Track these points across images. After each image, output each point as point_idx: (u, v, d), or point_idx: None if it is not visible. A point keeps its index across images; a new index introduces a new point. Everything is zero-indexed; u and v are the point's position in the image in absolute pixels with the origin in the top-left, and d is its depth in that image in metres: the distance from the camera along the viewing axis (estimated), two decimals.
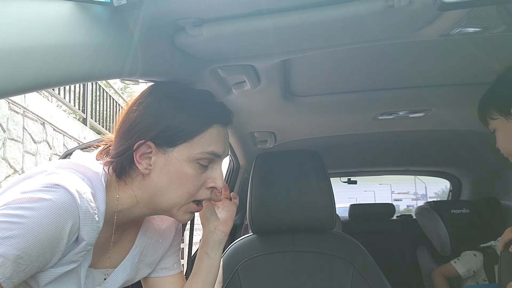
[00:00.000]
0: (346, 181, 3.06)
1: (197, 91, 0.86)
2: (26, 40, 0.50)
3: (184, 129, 0.74)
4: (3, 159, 3.48)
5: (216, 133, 0.78)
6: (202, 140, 0.75)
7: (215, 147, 0.77)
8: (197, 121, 0.76)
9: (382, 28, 0.83)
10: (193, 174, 0.75)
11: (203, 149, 0.75)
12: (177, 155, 0.74)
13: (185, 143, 0.74)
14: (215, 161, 0.79)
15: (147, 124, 0.74)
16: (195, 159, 0.75)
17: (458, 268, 1.96)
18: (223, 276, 1.14)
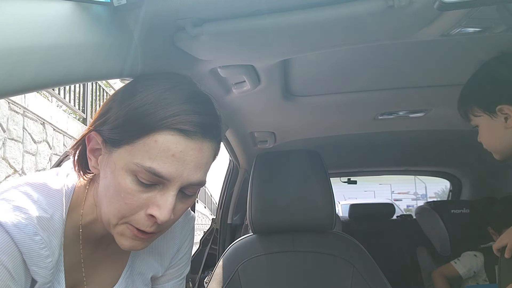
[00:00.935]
0: (346, 181, 3.06)
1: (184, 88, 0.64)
2: (26, 40, 0.50)
3: (126, 125, 0.59)
4: (3, 159, 3.47)
5: (167, 144, 0.57)
6: (144, 148, 0.57)
7: (158, 165, 0.57)
8: (143, 118, 0.58)
9: (382, 28, 0.83)
10: (127, 188, 0.59)
11: (139, 161, 0.57)
12: (117, 158, 0.60)
13: (127, 146, 0.59)
14: (167, 185, 0.59)
15: (101, 112, 0.64)
16: (131, 170, 0.58)
17: (459, 268, 1.96)
18: (223, 276, 1.14)
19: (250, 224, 1.21)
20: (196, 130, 0.59)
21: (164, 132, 0.57)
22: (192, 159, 0.59)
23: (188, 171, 0.59)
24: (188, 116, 0.58)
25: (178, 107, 0.58)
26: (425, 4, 0.71)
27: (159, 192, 0.60)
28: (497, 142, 1.11)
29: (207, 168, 0.64)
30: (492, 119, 1.07)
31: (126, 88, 0.65)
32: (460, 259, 1.99)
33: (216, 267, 1.19)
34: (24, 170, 3.79)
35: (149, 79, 0.64)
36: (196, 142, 0.59)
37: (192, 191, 0.64)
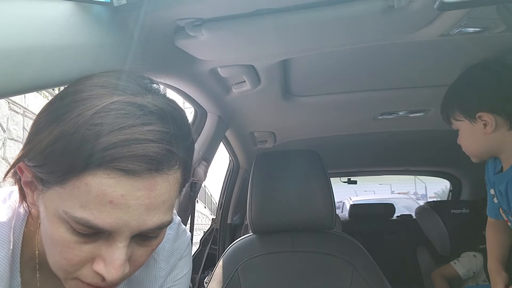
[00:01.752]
0: (346, 181, 3.06)
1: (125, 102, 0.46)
2: (26, 40, 0.50)
3: (50, 162, 0.44)
4: (3, 159, 3.47)
5: (101, 188, 0.43)
6: (73, 192, 0.43)
7: (92, 215, 0.43)
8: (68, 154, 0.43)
9: (382, 28, 0.83)
10: (63, 240, 0.46)
11: (69, 209, 0.44)
12: (48, 201, 0.46)
13: (57, 187, 0.45)
14: (112, 235, 0.46)
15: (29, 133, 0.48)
16: (63, 219, 0.45)
17: (458, 269, 1.96)
18: (223, 276, 1.14)
19: (250, 224, 1.21)
20: (141, 167, 0.43)
21: (96, 172, 0.42)
22: (140, 203, 0.45)
23: (136, 217, 0.45)
24: (129, 148, 0.43)
25: (113, 136, 0.42)
26: (425, 4, 0.71)
27: (105, 243, 0.46)
28: (475, 147, 1.15)
29: (170, 205, 0.49)
30: (472, 124, 1.11)
31: (52, 104, 0.48)
32: (460, 260, 1.99)
33: (216, 267, 1.19)
34: None
35: (80, 90, 0.47)
36: (145, 180, 0.44)
37: (154, 233, 0.50)
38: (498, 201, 1.17)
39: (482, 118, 1.07)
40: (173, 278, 0.70)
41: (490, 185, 1.20)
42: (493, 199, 1.19)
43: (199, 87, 1.10)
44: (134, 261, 0.50)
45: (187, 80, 1.04)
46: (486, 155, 1.15)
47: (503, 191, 1.11)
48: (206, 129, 1.30)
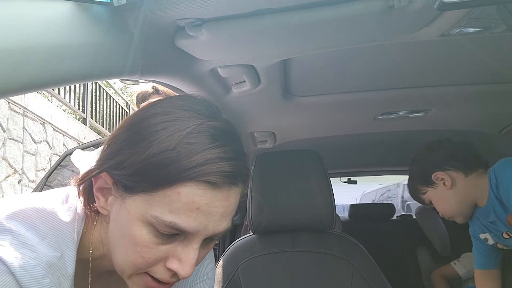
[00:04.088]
0: (346, 181, 3.06)
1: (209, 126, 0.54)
2: (26, 40, 0.50)
3: (143, 174, 0.51)
4: (3, 159, 3.48)
5: (191, 197, 0.50)
6: (164, 199, 0.51)
7: (181, 219, 0.51)
8: (163, 168, 0.50)
9: (382, 28, 0.83)
10: (144, 241, 0.52)
11: (159, 214, 0.51)
12: (131, 207, 0.53)
13: (144, 194, 0.51)
14: (189, 237, 0.53)
15: (112, 150, 0.55)
16: (149, 222, 0.52)
17: (458, 269, 1.96)
18: (223, 276, 1.14)
19: (250, 224, 1.21)
20: (224, 180, 0.52)
21: (188, 183, 0.50)
22: (218, 210, 0.53)
23: (213, 223, 0.53)
24: (216, 165, 0.51)
25: (204, 154, 0.50)
26: (425, 4, 0.71)
27: (181, 244, 0.53)
28: (450, 205, 1.26)
29: (234, 213, 0.58)
30: (435, 189, 1.25)
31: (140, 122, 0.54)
32: (460, 260, 1.99)
33: (216, 267, 1.19)
34: (24, 170, 3.79)
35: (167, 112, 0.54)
36: (223, 191, 0.52)
37: (217, 236, 0.58)
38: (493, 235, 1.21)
39: (438, 179, 1.23)
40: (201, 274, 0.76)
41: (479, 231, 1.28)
42: (487, 242, 1.27)
43: (199, 87, 1.10)
44: (197, 260, 0.56)
45: (187, 80, 1.04)
46: (465, 209, 1.25)
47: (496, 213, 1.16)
48: None
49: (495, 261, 1.30)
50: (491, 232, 1.25)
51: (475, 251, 1.35)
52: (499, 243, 1.24)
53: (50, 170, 1.70)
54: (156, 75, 0.90)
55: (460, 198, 1.23)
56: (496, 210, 1.17)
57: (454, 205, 1.24)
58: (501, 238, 1.22)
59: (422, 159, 1.29)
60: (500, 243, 1.24)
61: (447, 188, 1.22)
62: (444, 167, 1.23)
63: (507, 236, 1.20)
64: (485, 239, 1.28)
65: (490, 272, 1.31)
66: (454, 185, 1.22)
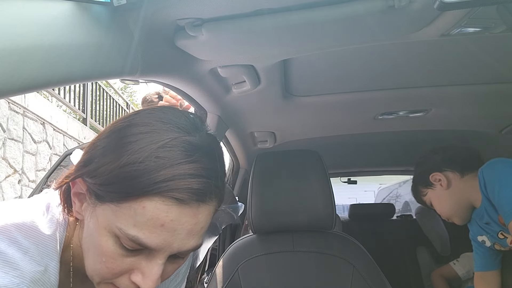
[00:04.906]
0: (346, 181, 3.05)
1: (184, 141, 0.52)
2: (26, 40, 0.50)
3: (111, 184, 0.50)
4: (3, 159, 3.48)
5: (156, 212, 0.49)
6: (129, 212, 0.50)
7: (144, 235, 0.50)
8: (130, 180, 0.49)
9: (382, 28, 0.83)
10: (109, 251, 0.52)
11: (123, 226, 0.50)
12: (100, 215, 0.52)
13: (112, 204, 0.51)
14: (153, 253, 0.52)
15: (88, 157, 0.55)
16: (114, 233, 0.51)
17: (458, 269, 1.96)
18: (223, 276, 1.14)
19: (250, 224, 1.20)
20: (191, 197, 0.50)
21: (154, 198, 0.49)
22: (185, 227, 0.51)
23: (179, 240, 0.52)
24: (184, 181, 0.50)
25: (173, 169, 0.49)
26: (425, 4, 0.71)
27: (145, 258, 0.53)
28: (447, 206, 1.30)
29: (204, 231, 0.56)
30: (433, 190, 1.30)
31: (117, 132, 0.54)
32: (459, 260, 1.99)
33: (216, 267, 1.19)
34: (24, 170, 3.79)
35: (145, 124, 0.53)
36: (191, 209, 0.51)
37: (185, 254, 0.57)
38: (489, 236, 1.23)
39: (435, 179, 1.28)
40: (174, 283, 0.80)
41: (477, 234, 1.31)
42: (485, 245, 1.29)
43: (199, 87, 1.10)
44: (163, 276, 0.56)
45: (187, 80, 1.04)
46: (462, 210, 1.28)
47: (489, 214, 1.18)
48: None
49: (493, 263, 1.31)
50: (487, 233, 1.26)
51: (474, 254, 1.36)
52: (496, 244, 1.25)
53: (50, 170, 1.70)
54: (156, 75, 0.90)
55: (456, 199, 1.26)
56: (488, 210, 1.18)
57: (451, 205, 1.28)
58: (497, 238, 1.23)
59: (422, 162, 1.35)
60: (497, 243, 1.24)
61: (444, 188, 1.26)
62: (441, 168, 1.27)
63: (502, 236, 1.21)
64: (483, 241, 1.29)
65: (489, 274, 1.32)
66: (450, 185, 1.26)
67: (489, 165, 1.17)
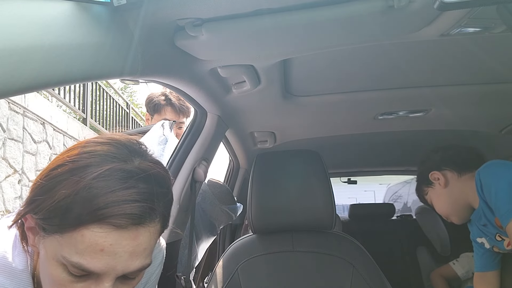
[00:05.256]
0: (346, 181, 3.05)
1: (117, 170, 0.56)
2: (26, 40, 0.50)
3: (52, 217, 0.54)
4: (3, 159, 3.47)
5: (94, 239, 0.53)
6: (71, 241, 0.53)
7: (86, 261, 0.53)
8: (68, 212, 0.53)
9: (382, 28, 0.83)
10: (59, 279, 0.55)
11: (67, 255, 0.54)
12: (48, 246, 0.56)
13: (57, 235, 0.54)
14: (101, 277, 0.56)
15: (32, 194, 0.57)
16: (61, 262, 0.55)
17: (457, 269, 1.96)
18: (223, 276, 1.14)
19: (250, 224, 1.20)
20: (128, 222, 0.54)
21: (91, 226, 0.53)
22: (126, 250, 0.55)
23: (122, 263, 0.55)
24: (119, 207, 0.53)
25: (107, 197, 0.53)
26: (425, 4, 0.71)
27: (94, 283, 0.56)
28: (445, 204, 1.32)
29: (150, 251, 0.60)
30: (433, 188, 1.33)
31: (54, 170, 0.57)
32: (459, 260, 1.99)
33: (216, 267, 1.19)
34: (24, 170, 3.79)
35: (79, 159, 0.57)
36: (130, 232, 0.55)
37: (135, 274, 0.60)
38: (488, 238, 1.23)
39: (434, 178, 1.31)
40: None
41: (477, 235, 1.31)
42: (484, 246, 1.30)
43: (199, 87, 1.10)
44: None
45: (187, 80, 1.04)
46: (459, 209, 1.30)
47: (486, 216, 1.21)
48: (206, 129, 1.30)
49: (493, 263, 1.31)
50: (486, 235, 1.26)
51: (474, 255, 1.37)
52: (495, 247, 1.25)
53: None
54: (156, 75, 0.90)
55: (454, 198, 1.28)
56: (485, 212, 1.19)
57: (449, 204, 1.30)
58: (495, 241, 1.23)
59: (424, 161, 1.38)
60: (496, 246, 1.25)
61: (442, 187, 1.29)
62: (440, 167, 1.30)
63: (500, 238, 1.21)
64: (482, 243, 1.29)
65: (488, 274, 1.32)
66: (448, 184, 1.28)
67: (486, 167, 1.18)
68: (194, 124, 1.30)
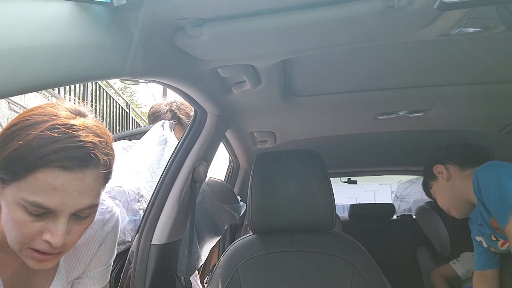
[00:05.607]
0: (346, 181, 3.06)
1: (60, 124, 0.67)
2: (26, 40, 0.50)
3: (8, 167, 0.64)
4: None
5: (47, 180, 0.64)
6: (27, 184, 0.64)
7: (41, 198, 0.64)
8: (22, 160, 0.64)
9: (382, 28, 0.83)
10: (21, 220, 0.65)
11: (25, 196, 0.64)
12: (8, 194, 0.66)
13: (15, 183, 0.65)
14: (57, 214, 0.66)
15: None
16: (20, 204, 0.65)
17: (457, 269, 1.96)
18: (223, 276, 1.14)
19: (250, 224, 1.21)
20: (74, 164, 0.65)
21: (43, 169, 0.63)
22: (75, 189, 0.66)
23: (73, 200, 0.66)
24: (64, 153, 0.64)
25: (55, 145, 0.63)
26: (425, 4, 0.71)
27: (51, 220, 0.67)
28: (447, 198, 1.35)
29: (97, 192, 0.71)
30: (436, 182, 1.37)
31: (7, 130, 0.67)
32: (459, 260, 1.99)
33: (216, 267, 1.19)
34: None
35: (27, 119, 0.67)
36: (77, 173, 0.66)
37: (85, 213, 0.70)
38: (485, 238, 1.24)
39: (438, 172, 1.35)
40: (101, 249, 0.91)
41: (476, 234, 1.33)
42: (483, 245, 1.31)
43: (199, 87, 1.10)
44: (73, 235, 0.71)
45: (187, 80, 1.04)
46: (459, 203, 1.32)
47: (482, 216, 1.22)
48: (206, 129, 1.30)
49: (491, 262, 1.32)
50: (483, 235, 1.26)
51: (474, 253, 1.38)
52: (491, 246, 1.26)
53: None
54: (156, 75, 0.90)
55: (455, 192, 1.31)
56: (482, 212, 1.20)
57: (449, 197, 1.33)
58: (491, 241, 1.23)
59: (430, 156, 1.43)
60: (492, 246, 1.25)
61: (444, 181, 1.33)
62: (444, 161, 1.35)
63: (494, 238, 1.21)
64: (481, 242, 1.30)
65: (487, 273, 1.32)
66: (450, 178, 1.32)
67: (483, 168, 1.19)
68: (194, 124, 1.30)
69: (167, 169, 1.27)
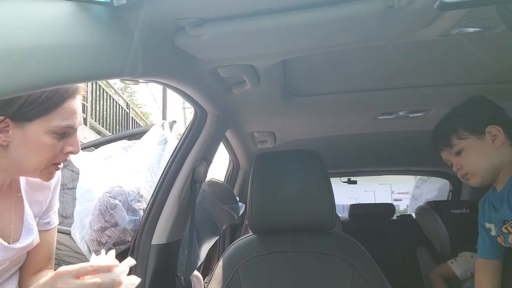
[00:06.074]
0: (346, 181, 3.06)
1: None
2: (26, 40, 0.50)
3: (38, 106, 0.81)
4: None
5: (70, 107, 0.85)
6: (57, 115, 0.83)
7: (70, 121, 0.86)
8: (50, 98, 0.82)
9: (382, 28, 0.83)
10: (50, 144, 0.84)
11: (58, 123, 0.83)
12: (35, 128, 0.82)
13: (41, 117, 0.82)
14: (71, 131, 0.88)
15: (5, 101, 0.79)
16: (51, 131, 0.83)
17: (455, 269, 1.96)
18: (223, 276, 1.14)
19: (250, 224, 1.21)
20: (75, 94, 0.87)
21: (67, 101, 0.84)
22: (79, 111, 0.88)
23: (79, 119, 0.89)
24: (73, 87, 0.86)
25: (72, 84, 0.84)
26: (425, 4, 0.71)
27: (68, 137, 0.87)
28: (483, 163, 1.19)
29: None
30: (479, 140, 1.17)
31: None
32: (457, 260, 1.98)
33: (216, 267, 1.19)
34: None
35: None
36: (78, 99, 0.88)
37: None
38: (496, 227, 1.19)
39: (491, 133, 1.15)
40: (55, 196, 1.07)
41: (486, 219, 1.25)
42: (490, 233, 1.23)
43: (199, 87, 1.11)
44: None
45: (187, 80, 1.04)
46: (490, 173, 1.19)
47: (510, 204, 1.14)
48: (206, 129, 1.30)
49: (498, 253, 1.27)
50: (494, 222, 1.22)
51: (479, 240, 1.30)
52: (499, 237, 1.23)
53: None
54: (156, 75, 0.90)
55: (495, 163, 1.17)
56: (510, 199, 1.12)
57: (487, 164, 1.18)
58: (501, 231, 1.21)
59: (481, 108, 1.21)
60: (500, 236, 1.22)
61: (493, 145, 1.16)
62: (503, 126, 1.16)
63: (506, 230, 1.19)
64: (489, 229, 1.25)
65: (491, 263, 1.29)
66: (500, 146, 1.15)
67: None
68: (194, 124, 1.30)
69: (167, 169, 1.27)
